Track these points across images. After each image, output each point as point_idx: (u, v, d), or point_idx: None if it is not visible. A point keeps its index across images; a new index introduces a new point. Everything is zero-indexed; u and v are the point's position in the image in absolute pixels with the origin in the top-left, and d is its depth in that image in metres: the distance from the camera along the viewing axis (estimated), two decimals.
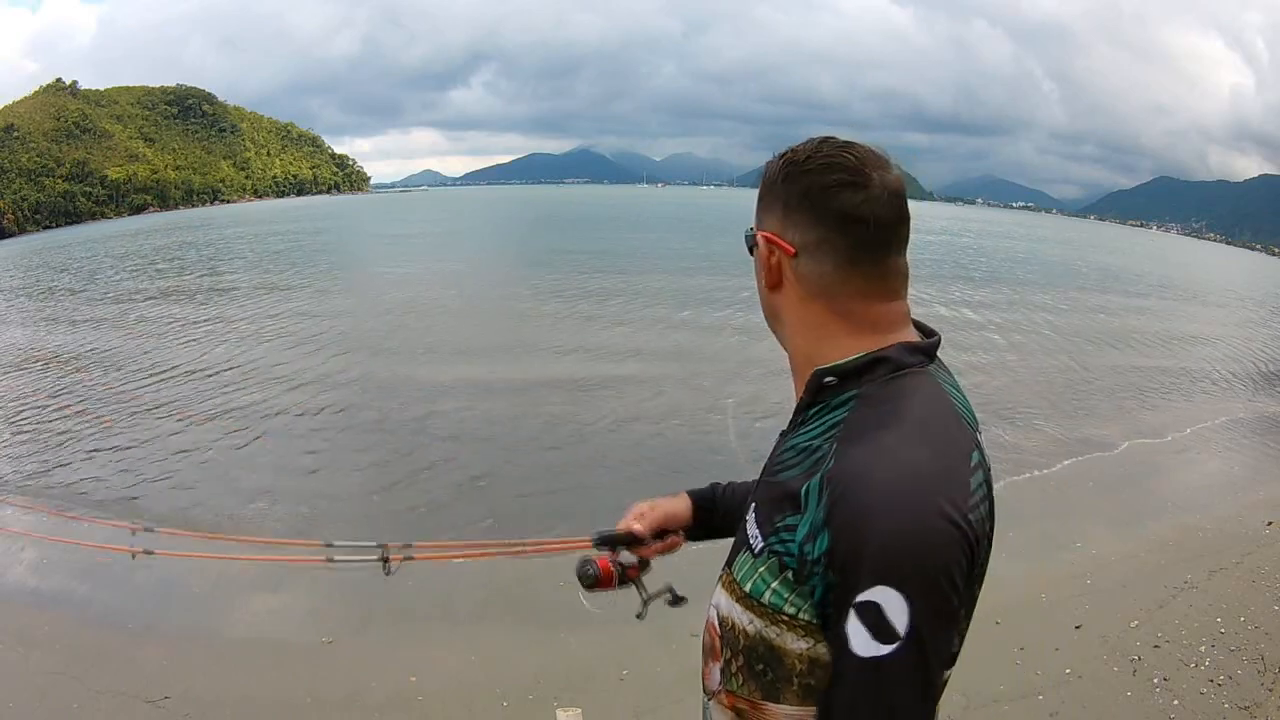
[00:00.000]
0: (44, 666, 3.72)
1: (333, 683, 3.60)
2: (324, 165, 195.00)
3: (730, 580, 0.90)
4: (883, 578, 0.73)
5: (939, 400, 0.84)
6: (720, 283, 17.98)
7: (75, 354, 11.46)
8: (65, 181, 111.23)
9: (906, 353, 0.85)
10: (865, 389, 0.84)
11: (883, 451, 0.77)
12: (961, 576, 0.76)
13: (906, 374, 0.84)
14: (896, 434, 0.78)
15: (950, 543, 0.75)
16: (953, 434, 0.81)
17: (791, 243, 0.87)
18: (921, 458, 0.77)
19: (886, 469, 0.76)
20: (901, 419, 0.80)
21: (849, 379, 0.85)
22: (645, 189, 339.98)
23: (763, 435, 7.16)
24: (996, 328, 14.17)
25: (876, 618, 0.74)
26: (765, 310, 0.95)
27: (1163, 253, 61.82)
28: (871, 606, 0.74)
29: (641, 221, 52.70)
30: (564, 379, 9.35)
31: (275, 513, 5.76)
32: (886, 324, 0.87)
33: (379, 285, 18.69)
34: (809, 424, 0.87)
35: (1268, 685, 3.35)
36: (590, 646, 3.81)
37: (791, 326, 0.91)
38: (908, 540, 0.74)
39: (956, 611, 0.78)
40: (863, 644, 0.74)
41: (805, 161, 0.86)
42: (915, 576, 0.73)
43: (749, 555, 0.87)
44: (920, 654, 0.74)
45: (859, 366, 0.85)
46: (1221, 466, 7.21)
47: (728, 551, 0.95)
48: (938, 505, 0.75)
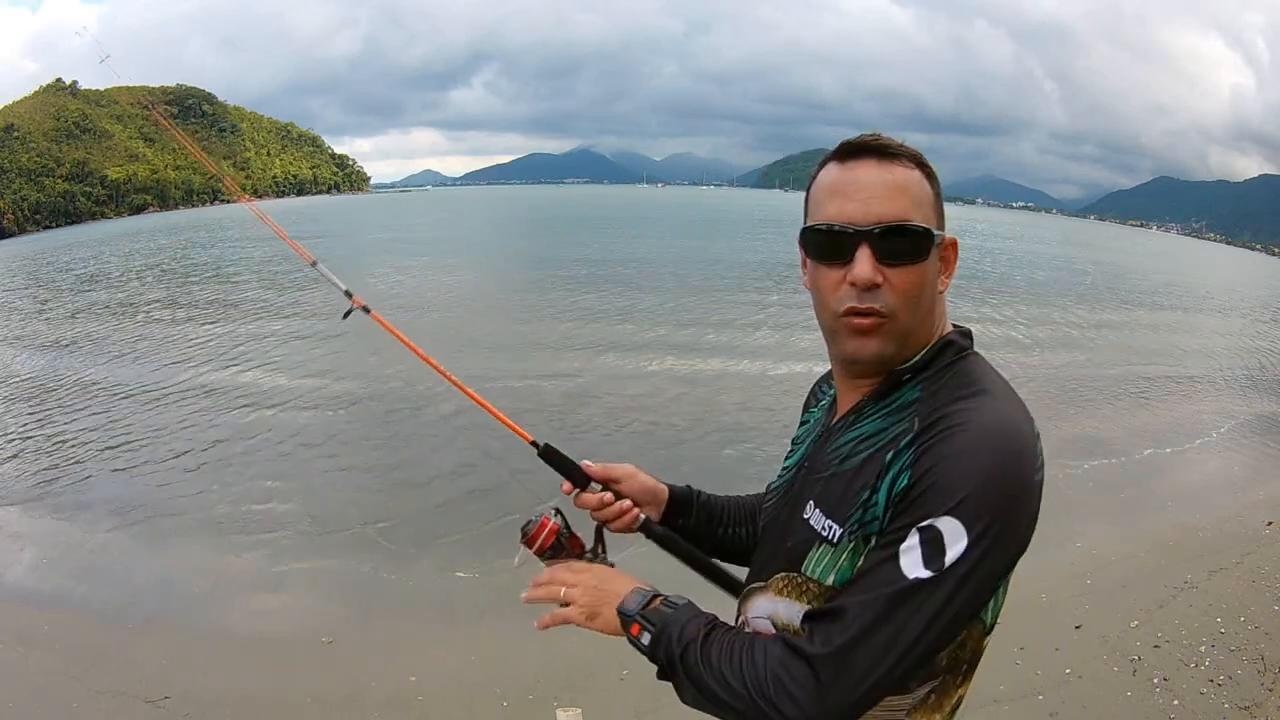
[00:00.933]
0: (44, 666, 3.72)
1: (333, 683, 3.60)
2: (324, 165, 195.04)
3: (798, 581, 0.90)
4: (956, 510, 0.76)
5: (1000, 375, 0.89)
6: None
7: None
8: (65, 181, 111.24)
9: (961, 337, 0.92)
10: (934, 372, 0.88)
11: (973, 411, 0.81)
12: (1023, 534, 0.79)
13: (967, 354, 0.90)
14: (985, 398, 0.82)
15: (1028, 497, 0.79)
16: (1021, 403, 0.85)
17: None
18: (1013, 415, 0.81)
19: (977, 425, 0.79)
20: (985, 389, 0.84)
21: (918, 370, 0.90)
22: (645, 189, 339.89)
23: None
24: (994, 322, 14.17)
25: (935, 544, 0.76)
26: (919, 310, 0.89)
27: (1163, 252, 61.78)
28: (934, 532, 0.76)
29: (677, 226, 51.40)
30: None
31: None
32: (945, 312, 0.95)
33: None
34: (866, 417, 0.91)
35: (1268, 685, 3.35)
36: (590, 646, 3.80)
37: (932, 323, 0.92)
38: (994, 483, 0.76)
39: (1008, 563, 0.79)
40: (911, 564, 0.77)
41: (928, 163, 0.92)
42: (986, 518, 0.76)
43: (826, 548, 0.88)
44: (955, 590, 0.76)
45: (929, 356, 0.90)
46: (1221, 466, 7.21)
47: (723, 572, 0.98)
48: (1023, 459, 0.79)
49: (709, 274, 20.74)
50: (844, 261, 0.87)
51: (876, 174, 0.87)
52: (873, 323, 0.87)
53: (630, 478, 1.18)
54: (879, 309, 0.86)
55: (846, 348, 0.90)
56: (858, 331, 0.88)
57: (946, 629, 0.78)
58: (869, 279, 0.85)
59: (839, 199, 0.88)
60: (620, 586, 1.01)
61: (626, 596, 0.99)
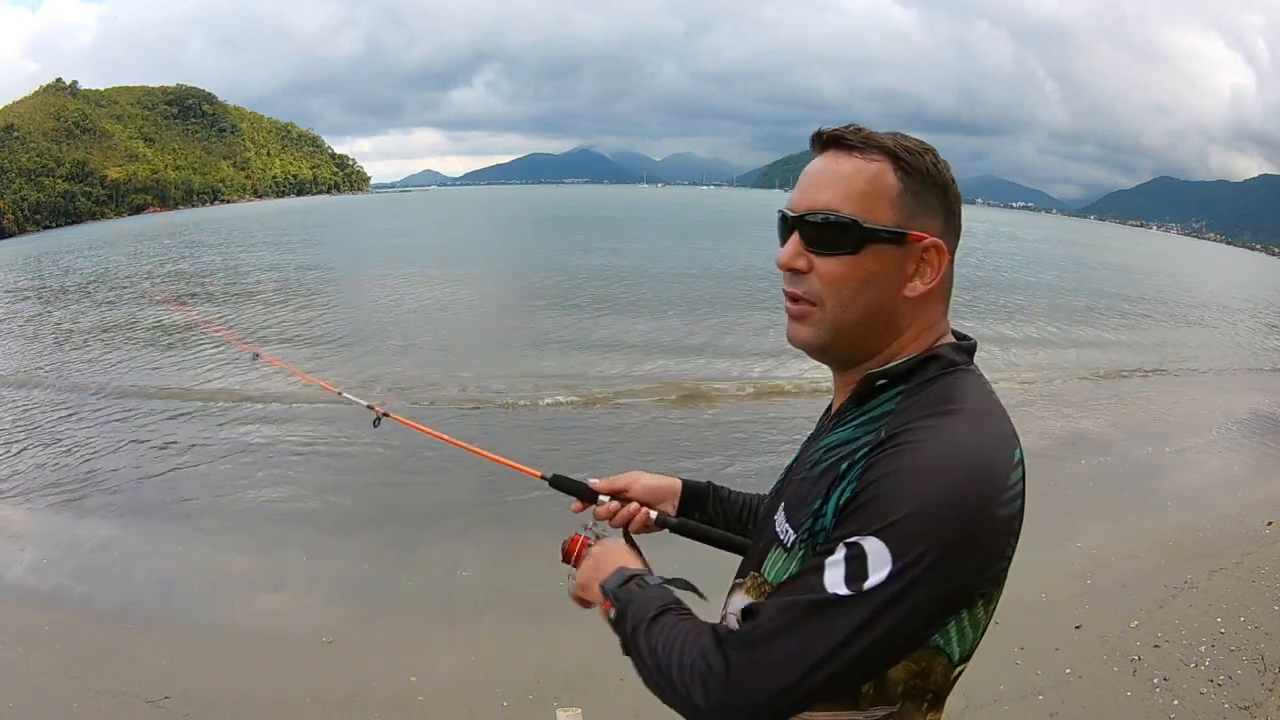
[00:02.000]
0: (44, 666, 3.72)
1: (333, 683, 3.60)
2: (324, 165, 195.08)
3: (758, 582, 0.90)
4: (885, 532, 0.73)
5: (989, 396, 0.85)
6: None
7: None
8: (65, 181, 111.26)
9: (954, 351, 0.88)
10: (914, 384, 0.85)
11: (936, 430, 0.78)
12: (972, 569, 0.75)
13: (957, 370, 0.86)
14: (952, 418, 0.79)
15: (981, 531, 0.75)
16: (1001, 428, 0.81)
17: (949, 247, 0.88)
18: (970, 442, 0.77)
19: (935, 444, 0.76)
20: (957, 409, 0.80)
21: (898, 379, 0.87)
22: (645, 189, 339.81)
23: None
24: (996, 320, 14.18)
25: (858, 563, 0.74)
26: (854, 304, 0.87)
27: (1164, 253, 61.74)
28: (859, 550, 0.74)
29: (680, 227, 50.80)
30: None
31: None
32: (944, 325, 0.91)
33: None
34: (847, 423, 0.89)
35: (1268, 685, 3.35)
36: (590, 646, 3.81)
37: (912, 330, 0.89)
38: (937, 510, 0.73)
39: (949, 599, 0.76)
40: (833, 579, 0.75)
41: (946, 164, 0.88)
42: (920, 548, 0.72)
43: (781, 552, 0.87)
44: (874, 615, 0.73)
45: (911, 367, 0.86)
46: (1221, 466, 7.21)
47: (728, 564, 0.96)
48: (986, 491, 0.75)
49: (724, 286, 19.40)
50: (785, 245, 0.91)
51: (826, 164, 0.88)
52: (800, 309, 0.89)
53: (634, 483, 1.23)
54: (801, 294, 0.88)
55: (787, 331, 0.93)
56: (790, 315, 0.91)
57: (868, 651, 0.75)
58: (785, 262, 0.89)
59: (796, 187, 0.91)
60: (612, 564, 1.02)
61: (610, 574, 1.00)
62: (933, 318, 0.89)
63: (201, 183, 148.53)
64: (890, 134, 0.88)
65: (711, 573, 1.17)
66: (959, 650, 0.81)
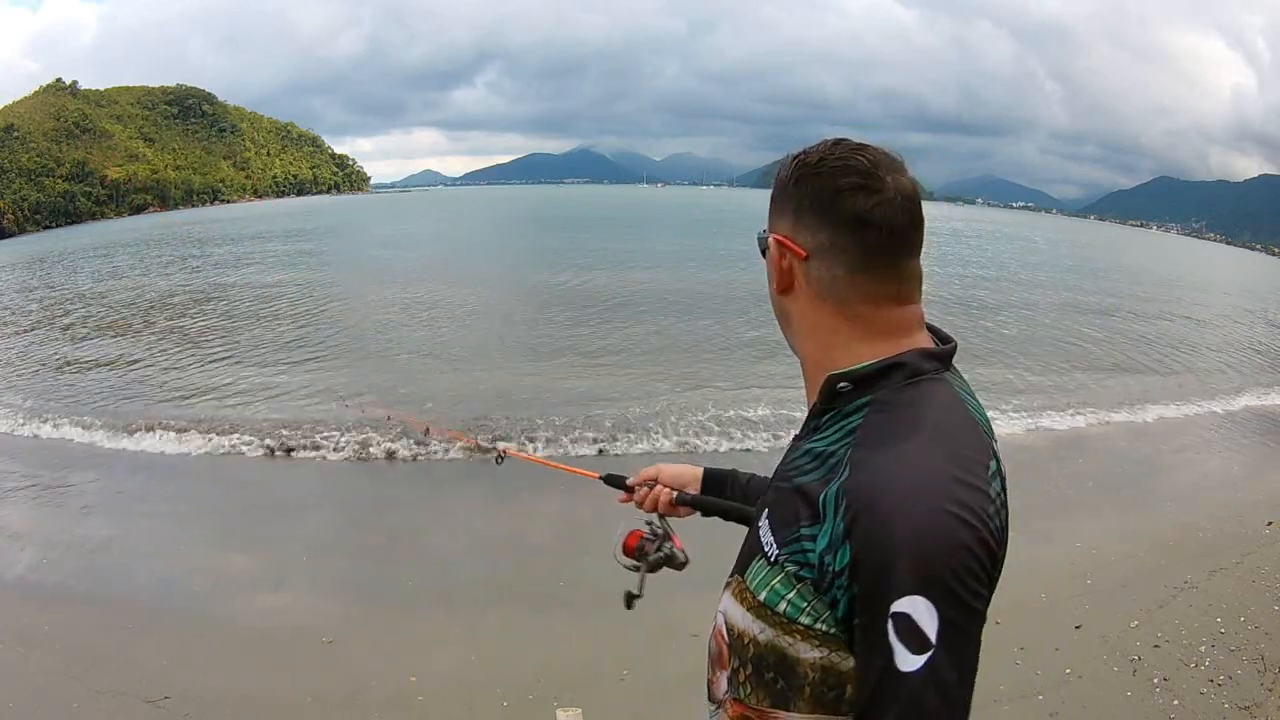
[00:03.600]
0: (44, 666, 3.72)
1: (333, 683, 3.60)
2: (324, 165, 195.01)
3: (742, 588, 0.89)
4: (910, 587, 0.73)
5: (956, 408, 0.83)
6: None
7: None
8: (65, 181, 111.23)
9: (923, 359, 0.84)
10: (880, 395, 0.83)
11: (900, 458, 0.76)
12: (982, 581, 0.76)
13: (922, 381, 0.83)
14: (914, 441, 0.78)
15: (971, 547, 0.74)
16: (970, 441, 0.80)
17: (803, 245, 0.86)
18: (940, 465, 0.76)
19: (904, 477, 0.75)
20: (919, 426, 0.79)
21: (863, 385, 0.84)
22: (645, 189, 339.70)
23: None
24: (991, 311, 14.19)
25: (909, 628, 0.73)
26: (776, 313, 0.95)
27: (1165, 254, 61.73)
28: (903, 619, 0.73)
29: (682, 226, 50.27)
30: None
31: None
32: (900, 329, 0.86)
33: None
34: (823, 430, 0.87)
35: (1268, 685, 3.35)
36: (590, 646, 3.81)
37: (803, 331, 0.90)
38: (929, 547, 0.73)
39: (980, 615, 0.77)
40: (905, 661, 0.73)
41: (818, 164, 0.85)
42: (940, 583, 0.73)
43: (764, 563, 0.86)
44: (953, 659, 0.73)
45: (874, 372, 0.84)
46: (1221, 466, 7.21)
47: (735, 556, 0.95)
48: (956, 512, 0.74)
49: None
50: None
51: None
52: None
53: (660, 472, 1.38)
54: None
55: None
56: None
57: (969, 679, 0.76)
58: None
59: None
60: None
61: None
62: (880, 319, 0.86)
63: (201, 183, 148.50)
64: (819, 144, 0.88)
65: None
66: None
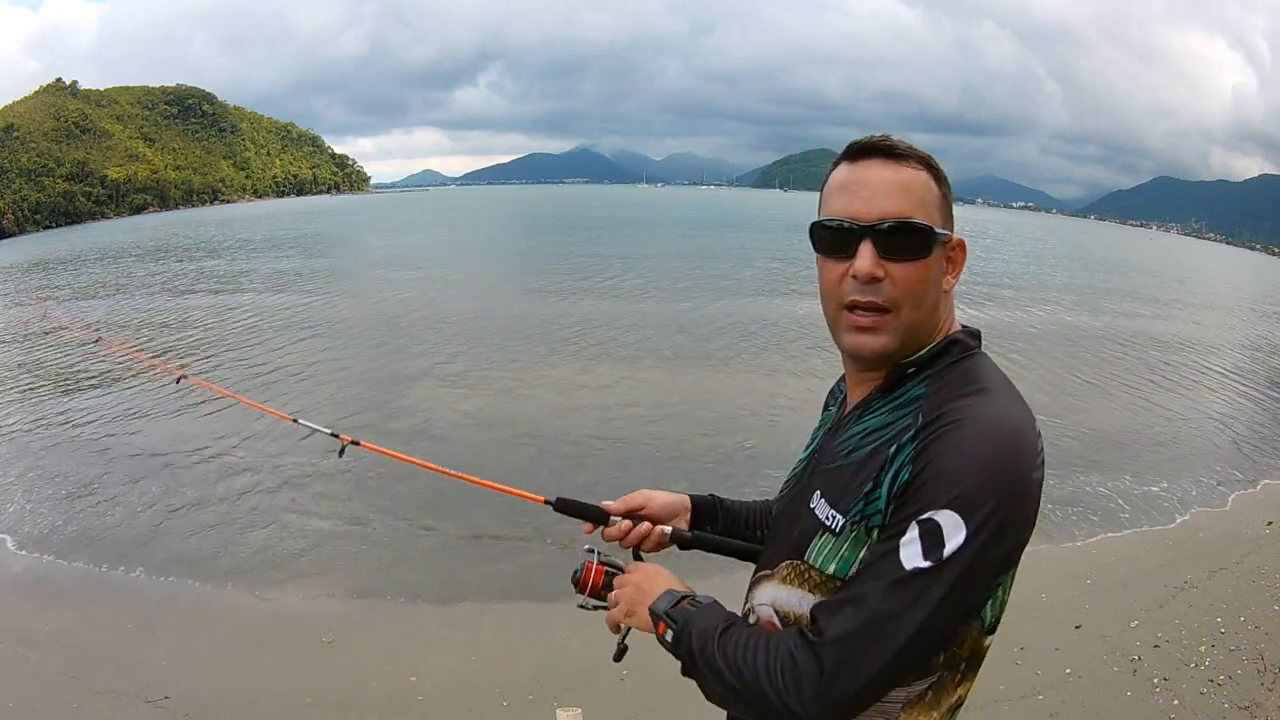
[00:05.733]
0: (44, 666, 3.73)
1: (333, 683, 3.60)
2: (324, 165, 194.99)
3: (800, 570, 0.92)
4: (954, 503, 0.78)
5: (1004, 375, 0.91)
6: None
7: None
8: (65, 181, 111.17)
9: (968, 336, 0.94)
10: (939, 368, 0.91)
11: (974, 408, 0.83)
12: (1021, 529, 0.81)
13: (973, 354, 0.92)
14: (985, 396, 0.85)
15: (1026, 494, 0.81)
16: (1023, 401, 0.87)
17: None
18: (1013, 413, 0.84)
19: (979, 420, 0.82)
20: (987, 387, 0.86)
21: (924, 365, 0.92)
22: (645, 189, 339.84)
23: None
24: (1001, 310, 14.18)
25: (934, 536, 0.78)
26: (923, 306, 0.91)
27: (1167, 255, 61.69)
28: (933, 524, 0.78)
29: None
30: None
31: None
32: (954, 313, 0.97)
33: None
34: (874, 410, 0.93)
35: (1268, 685, 3.35)
36: (590, 646, 3.81)
37: (940, 310, 0.94)
38: (990, 477, 0.78)
39: (1006, 558, 0.81)
40: (911, 555, 0.79)
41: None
42: (983, 511, 0.78)
43: (829, 537, 0.90)
44: (955, 581, 0.78)
45: (935, 353, 0.92)
46: (1221, 465, 7.20)
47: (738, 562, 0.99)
48: (1023, 456, 0.81)
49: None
50: (848, 256, 0.91)
51: (883, 173, 0.91)
52: (873, 320, 0.90)
53: (648, 501, 1.23)
54: (880, 302, 0.89)
55: (847, 342, 0.93)
56: (859, 328, 0.91)
57: (948, 620, 0.80)
58: (869, 272, 0.89)
59: (846, 196, 0.92)
60: (658, 587, 1.03)
61: (659, 597, 1.01)
62: (950, 307, 0.96)
63: (201, 183, 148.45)
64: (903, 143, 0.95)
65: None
66: (991, 615, 0.86)
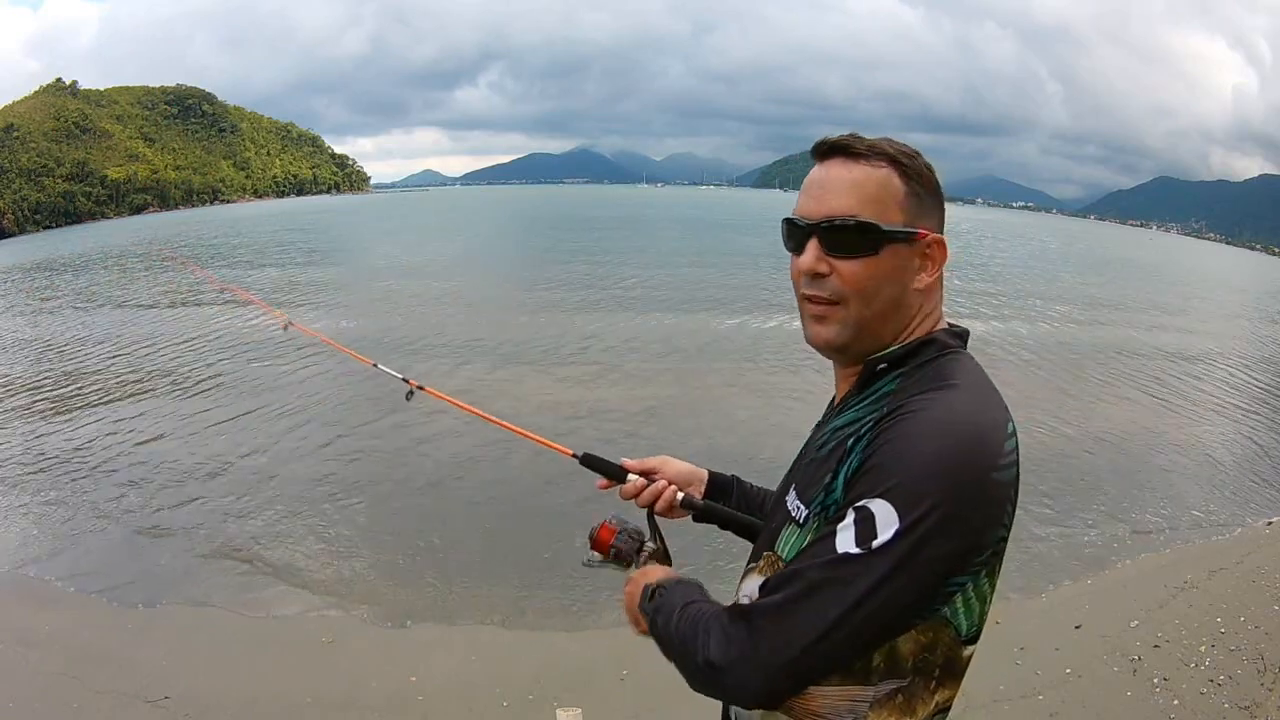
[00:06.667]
0: (44, 666, 3.73)
1: (333, 683, 3.60)
2: (324, 165, 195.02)
3: (773, 561, 0.94)
4: (890, 493, 0.78)
5: (982, 374, 0.90)
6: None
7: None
8: (65, 181, 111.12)
9: (949, 336, 0.94)
10: (911, 366, 0.90)
11: (936, 402, 0.83)
12: (974, 530, 0.79)
13: (951, 353, 0.92)
14: (948, 392, 0.85)
15: (980, 493, 0.78)
16: (995, 400, 0.86)
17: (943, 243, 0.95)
18: (965, 410, 0.83)
19: (932, 412, 0.81)
20: (954, 383, 0.86)
21: (896, 363, 0.92)
22: (645, 189, 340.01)
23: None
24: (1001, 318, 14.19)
25: (867, 524, 0.78)
26: (875, 301, 0.92)
27: (1169, 256, 61.74)
28: (867, 512, 0.78)
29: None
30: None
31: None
32: (939, 312, 0.97)
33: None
34: (850, 407, 0.94)
35: (1268, 685, 3.35)
36: (590, 646, 3.82)
37: (902, 316, 0.94)
38: (933, 472, 0.77)
39: (953, 559, 0.79)
40: (844, 540, 0.79)
41: (929, 166, 0.94)
42: (921, 506, 0.77)
43: (794, 528, 0.92)
44: (887, 573, 0.77)
45: (909, 350, 0.92)
46: (1221, 465, 7.20)
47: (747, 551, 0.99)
48: (977, 455, 0.79)
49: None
50: (801, 252, 0.94)
51: (836, 172, 0.93)
52: (823, 309, 0.94)
53: (664, 465, 1.27)
54: (825, 296, 0.93)
55: (806, 332, 0.98)
56: (812, 317, 0.95)
57: (879, 612, 0.79)
58: (810, 268, 0.93)
59: (804, 195, 0.97)
60: (644, 582, 1.06)
61: (640, 597, 1.04)
62: (931, 306, 0.95)
63: (201, 183, 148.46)
64: (885, 140, 0.93)
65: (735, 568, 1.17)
66: (965, 623, 0.84)
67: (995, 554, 0.82)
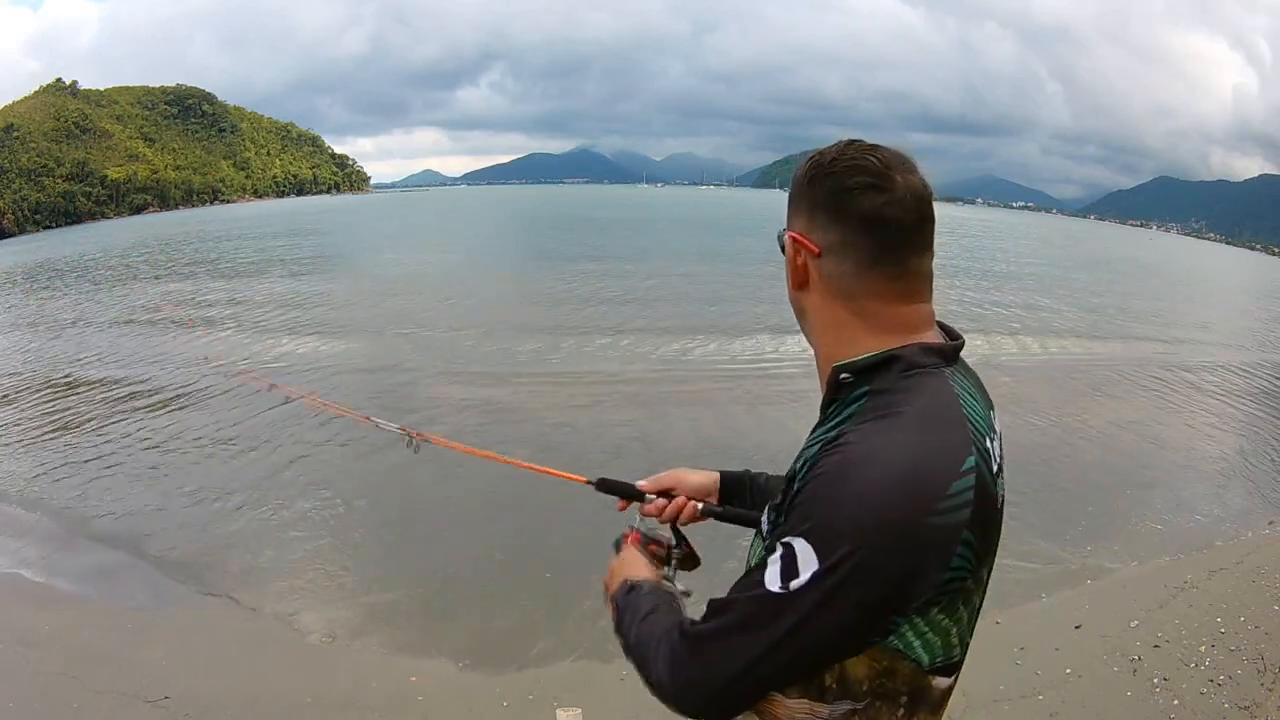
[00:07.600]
0: (44, 666, 3.73)
1: (333, 683, 3.61)
2: (324, 165, 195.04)
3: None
4: (810, 534, 0.77)
5: (944, 401, 0.83)
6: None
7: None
8: (65, 181, 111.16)
9: (922, 353, 0.85)
10: (877, 385, 0.85)
11: (868, 436, 0.80)
12: (894, 576, 0.75)
13: (918, 373, 0.84)
14: (888, 424, 0.80)
15: (904, 539, 0.74)
16: (946, 434, 0.80)
17: (816, 243, 0.88)
18: (905, 448, 0.78)
19: (863, 448, 0.78)
20: (899, 413, 0.81)
21: (863, 376, 0.86)
22: (645, 189, 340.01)
23: None
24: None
25: (790, 563, 0.78)
26: (794, 308, 0.96)
27: (1169, 257, 61.73)
28: (791, 551, 0.78)
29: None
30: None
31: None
32: (906, 326, 0.87)
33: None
34: (828, 420, 0.90)
35: (1268, 685, 3.35)
36: (590, 647, 3.81)
37: (816, 325, 0.93)
38: (852, 516, 0.75)
39: (872, 605, 0.76)
40: (771, 576, 0.80)
41: (830, 164, 0.87)
42: (838, 551, 0.75)
43: (759, 540, 0.95)
44: (808, 612, 0.77)
45: (873, 364, 0.86)
46: (1221, 465, 7.20)
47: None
48: (907, 499, 0.75)
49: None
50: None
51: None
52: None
53: (679, 481, 1.28)
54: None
55: None
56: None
57: (809, 647, 0.79)
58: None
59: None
60: (621, 576, 1.10)
61: (618, 585, 1.08)
62: (887, 316, 0.87)
63: (201, 183, 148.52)
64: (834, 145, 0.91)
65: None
66: (927, 656, 0.81)
67: (947, 593, 0.78)
